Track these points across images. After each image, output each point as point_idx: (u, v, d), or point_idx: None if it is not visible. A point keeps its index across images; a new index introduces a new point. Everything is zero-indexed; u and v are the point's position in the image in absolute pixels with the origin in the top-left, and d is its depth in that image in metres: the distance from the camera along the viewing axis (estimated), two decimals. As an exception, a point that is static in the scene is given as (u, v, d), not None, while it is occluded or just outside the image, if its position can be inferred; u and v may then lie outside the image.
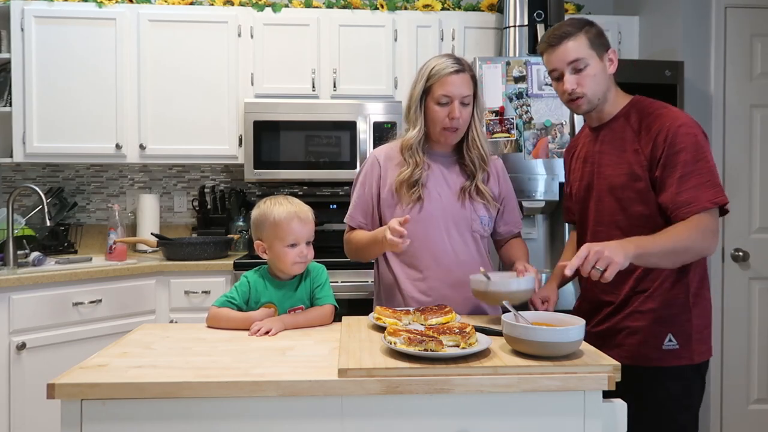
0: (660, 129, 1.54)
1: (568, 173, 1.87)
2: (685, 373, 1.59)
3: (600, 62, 1.61)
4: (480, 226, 1.83)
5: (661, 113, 1.58)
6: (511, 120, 2.73)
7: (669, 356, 1.57)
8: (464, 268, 1.77)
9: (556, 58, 1.61)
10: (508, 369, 1.21)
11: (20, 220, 3.11)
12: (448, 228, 1.80)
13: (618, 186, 1.61)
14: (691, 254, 1.51)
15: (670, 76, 2.79)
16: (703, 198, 1.49)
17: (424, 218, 1.79)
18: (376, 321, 1.53)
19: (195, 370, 1.23)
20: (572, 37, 1.59)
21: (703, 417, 2.94)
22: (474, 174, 1.82)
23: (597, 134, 1.70)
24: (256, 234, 1.69)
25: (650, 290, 1.59)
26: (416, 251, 1.79)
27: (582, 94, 1.61)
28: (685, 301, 1.59)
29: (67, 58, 3.11)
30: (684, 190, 1.50)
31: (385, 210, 1.84)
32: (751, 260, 2.90)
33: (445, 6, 3.37)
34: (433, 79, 1.74)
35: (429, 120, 1.78)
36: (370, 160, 1.90)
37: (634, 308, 1.61)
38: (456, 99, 1.74)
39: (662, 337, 1.58)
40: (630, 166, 1.58)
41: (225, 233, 3.34)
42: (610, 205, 1.63)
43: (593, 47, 1.60)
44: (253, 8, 3.25)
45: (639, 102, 1.66)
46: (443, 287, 1.77)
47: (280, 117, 3.15)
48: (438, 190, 1.81)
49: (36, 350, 2.51)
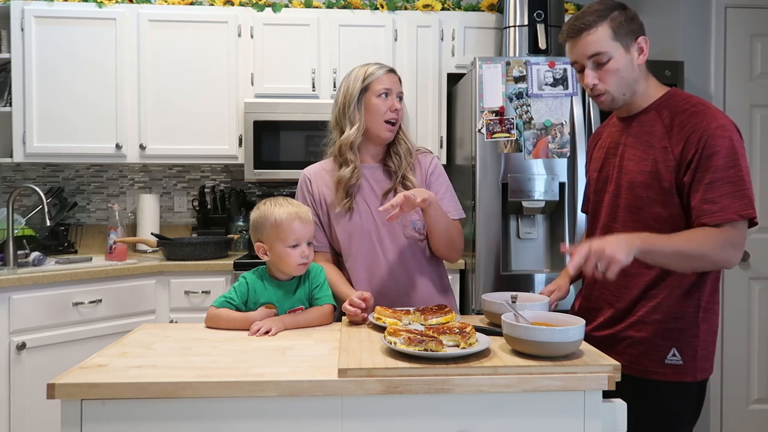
0: (694, 128, 1.42)
1: (588, 161, 1.76)
2: (685, 389, 1.50)
3: (626, 54, 1.48)
4: (413, 231, 1.83)
5: (698, 111, 1.45)
6: (511, 120, 2.73)
7: (671, 371, 1.48)
8: (398, 276, 1.81)
9: (576, 51, 1.50)
10: (508, 369, 1.21)
11: (20, 220, 3.11)
12: (381, 236, 1.81)
13: (639, 183, 1.50)
14: (706, 263, 1.42)
15: (670, 76, 2.79)
16: (731, 209, 1.38)
17: (355, 231, 1.81)
18: (376, 321, 1.53)
19: (195, 370, 1.23)
20: (593, 29, 1.46)
21: (703, 417, 2.94)
22: (398, 170, 1.83)
23: (626, 125, 1.58)
24: (255, 236, 1.69)
25: (658, 299, 1.50)
26: (351, 262, 1.83)
27: (604, 90, 1.50)
28: (694, 316, 1.49)
29: (67, 58, 3.12)
30: (711, 197, 1.39)
31: (324, 223, 1.86)
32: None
33: (445, 6, 3.37)
34: (370, 78, 1.81)
35: (370, 114, 1.81)
36: (301, 180, 1.91)
37: (640, 317, 1.52)
38: (394, 92, 1.83)
39: (666, 350, 1.49)
40: (655, 163, 1.47)
41: (225, 233, 3.35)
42: (627, 202, 1.53)
43: (617, 38, 1.46)
44: (253, 8, 3.25)
45: (674, 95, 1.53)
46: (378, 297, 1.74)
47: (280, 117, 3.15)
48: (366, 200, 1.83)
49: (36, 350, 2.51)
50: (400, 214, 1.62)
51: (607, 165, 1.62)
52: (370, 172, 1.86)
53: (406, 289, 1.81)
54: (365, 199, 1.83)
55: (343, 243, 1.82)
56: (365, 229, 1.81)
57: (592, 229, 1.68)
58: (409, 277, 1.82)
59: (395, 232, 1.82)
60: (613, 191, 1.58)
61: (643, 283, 1.51)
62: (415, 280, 1.83)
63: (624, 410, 1.25)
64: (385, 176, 1.86)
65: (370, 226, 1.81)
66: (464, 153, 3.01)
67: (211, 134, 3.21)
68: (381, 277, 1.80)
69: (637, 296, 1.53)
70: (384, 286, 1.80)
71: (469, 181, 2.86)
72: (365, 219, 1.82)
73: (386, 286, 1.80)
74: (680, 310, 1.49)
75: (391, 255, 1.81)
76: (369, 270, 1.81)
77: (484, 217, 2.75)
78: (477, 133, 2.75)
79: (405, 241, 1.82)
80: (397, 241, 1.82)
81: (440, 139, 3.32)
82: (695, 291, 1.49)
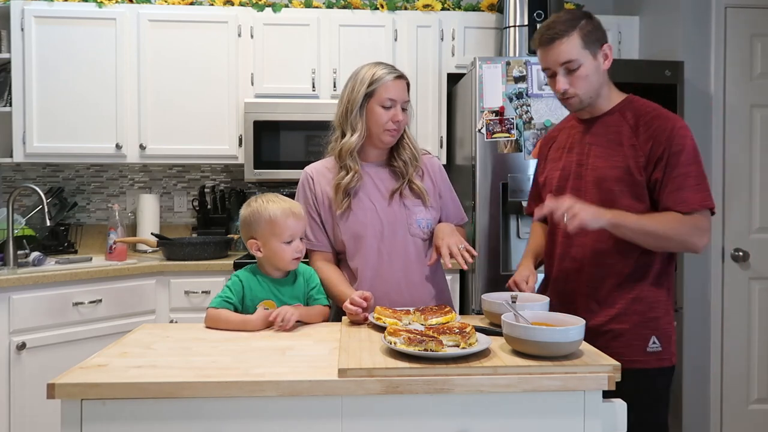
0: (661, 128, 1.57)
1: (542, 163, 1.85)
2: (665, 373, 1.62)
3: (594, 61, 1.61)
4: (418, 230, 1.83)
5: (659, 113, 1.61)
6: (511, 120, 2.73)
7: (653, 358, 1.60)
8: (402, 274, 1.80)
9: (549, 58, 1.62)
10: (508, 369, 1.21)
11: (20, 220, 3.11)
12: (385, 234, 1.81)
13: (609, 178, 1.61)
14: (673, 244, 1.57)
15: (670, 76, 2.79)
16: (695, 199, 1.54)
17: (361, 229, 1.80)
18: (376, 321, 1.53)
19: (195, 370, 1.23)
20: (565, 38, 1.58)
21: (703, 417, 2.94)
22: (405, 174, 1.84)
23: (587, 126, 1.70)
24: (248, 232, 1.69)
25: (636, 292, 1.61)
26: (355, 261, 1.81)
27: (574, 94, 1.63)
28: (666, 304, 1.63)
29: (67, 58, 3.12)
30: (680, 189, 1.54)
31: (326, 222, 1.85)
32: (751, 260, 2.90)
33: (445, 6, 3.37)
34: (377, 84, 1.78)
35: (371, 122, 1.80)
36: (302, 178, 1.90)
37: (620, 310, 1.61)
38: (399, 103, 1.79)
39: (647, 339, 1.60)
40: (626, 159, 1.59)
41: (225, 233, 3.35)
42: (595, 196, 1.62)
43: (587, 46, 1.59)
44: (253, 8, 3.25)
45: (634, 100, 1.68)
46: (382, 295, 1.73)
47: (280, 117, 3.15)
48: (371, 198, 1.83)
49: (36, 350, 2.51)
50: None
51: (571, 163, 1.71)
52: (375, 171, 1.86)
53: (410, 288, 1.81)
54: (370, 197, 1.83)
55: (348, 242, 1.81)
56: (371, 227, 1.81)
57: (554, 227, 1.74)
58: (413, 276, 1.82)
59: (400, 230, 1.82)
60: (575, 187, 1.68)
61: (621, 273, 1.61)
62: (418, 278, 1.83)
63: (624, 410, 1.25)
64: (391, 176, 1.86)
65: (376, 224, 1.81)
66: (464, 153, 3.01)
67: (211, 134, 3.21)
68: (386, 274, 1.80)
69: (615, 286, 1.62)
70: (389, 283, 1.79)
71: (469, 181, 2.86)
72: (371, 217, 1.81)
73: (391, 283, 1.80)
74: (655, 300, 1.62)
75: (396, 252, 1.81)
76: (375, 268, 1.80)
77: (484, 217, 2.75)
78: (477, 133, 2.75)
79: (410, 239, 1.83)
80: (402, 238, 1.82)
81: (440, 139, 3.32)
82: (664, 279, 1.64)
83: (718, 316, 2.92)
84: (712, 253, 2.91)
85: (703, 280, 2.93)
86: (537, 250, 1.86)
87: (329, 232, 1.85)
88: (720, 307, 2.92)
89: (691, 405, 2.91)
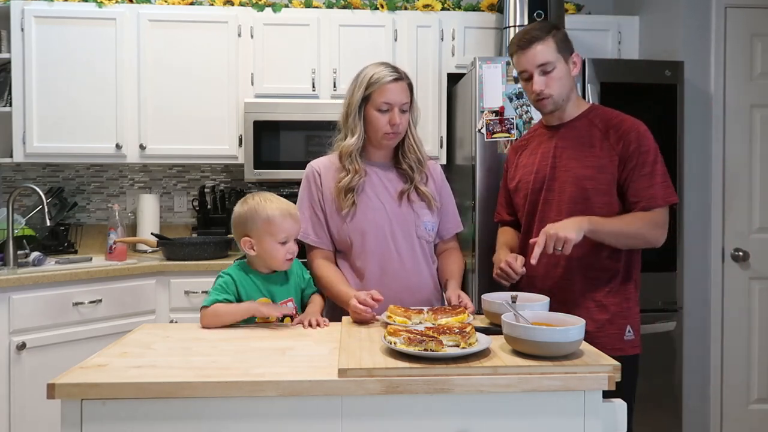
0: (629, 129, 1.73)
1: (513, 169, 1.95)
2: (637, 360, 1.76)
3: (566, 65, 1.76)
4: (424, 231, 1.84)
5: (626, 118, 1.77)
6: (511, 120, 2.73)
7: (628, 346, 1.74)
8: (410, 274, 1.81)
9: (526, 61, 1.74)
10: (508, 369, 1.21)
11: (20, 220, 3.11)
12: (394, 233, 1.81)
13: (585, 177, 1.74)
14: (639, 241, 1.72)
15: (670, 76, 2.78)
16: (659, 196, 1.70)
17: (368, 228, 1.80)
18: (387, 319, 1.53)
19: (195, 370, 1.23)
20: (541, 41, 1.72)
21: (703, 417, 2.94)
22: (412, 177, 1.84)
23: (554, 132, 1.83)
24: (241, 230, 1.68)
25: (608, 288, 1.75)
26: (362, 259, 1.80)
27: (549, 95, 1.75)
28: (634, 294, 1.79)
29: (67, 58, 3.11)
30: (649, 186, 1.70)
31: (330, 219, 1.84)
32: (751, 260, 2.90)
33: (445, 6, 3.37)
34: (373, 87, 1.77)
35: (369, 126, 1.80)
36: (308, 173, 1.89)
37: (598, 302, 1.74)
38: (396, 106, 1.78)
39: (623, 329, 1.75)
40: (599, 159, 1.74)
41: (225, 233, 3.34)
42: (573, 195, 1.75)
43: (560, 51, 1.74)
44: (253, 8, 3.25)
45: (599, 108, 1.84)
46: (389, 294, 1.71)
47: (280, 117, 3.15)
48: (379, 197, 1.83)
49: (36, 350, 2.51)
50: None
51: (545, 167, 1.82)
52: (383, 170, 1.86)
53: (414, 287, 1.81)
54: (379, 196, 1.83)
55: (355, 239, 1.81)
56: (379, 225, 1.81)
57: (529, 226, 1.85)
58: (419, 275, 1.83)
59: (408, 230, 1.82)
60: (551, 188, 1.80)
61: (595, 269, 1.75)
62: (423, 278, 1.84)
63: (624, 410, 1.25)
64: (398, 177, 1.86)
65: (384, 223, 1.81)
66: (464, 153, 3.01)
67: (211, 134, 3.21)
68: (393, 272, 1.80)
69: (583, 284, 1.75)
70: (395, 282, 1.79)
71: (469, 181, 2.85)
72: (379, 216, 1.81)
73: (397, 282, 1.79)
74: (627, 292, 1.77)
75: (404, 252, 1.82)
76: (382, 266, 1.80)
77: (484, 217, 2.74)
78: (477, 133, 2.75)
79: (416, 239, 1.84)
80: (410, 238, 1.83)
81: (440, 139, 3.32)
82: (632, 272, 1.78)
83: (718, 316, 2.92)
84: (712, 253, 2.92)
85: (703, 280, 2.93)
86: (510, 244, 1.94)
87: (333, 229, 1.84)
88: (720, 307, 2.92)
89: (691, 405, 2.91)
